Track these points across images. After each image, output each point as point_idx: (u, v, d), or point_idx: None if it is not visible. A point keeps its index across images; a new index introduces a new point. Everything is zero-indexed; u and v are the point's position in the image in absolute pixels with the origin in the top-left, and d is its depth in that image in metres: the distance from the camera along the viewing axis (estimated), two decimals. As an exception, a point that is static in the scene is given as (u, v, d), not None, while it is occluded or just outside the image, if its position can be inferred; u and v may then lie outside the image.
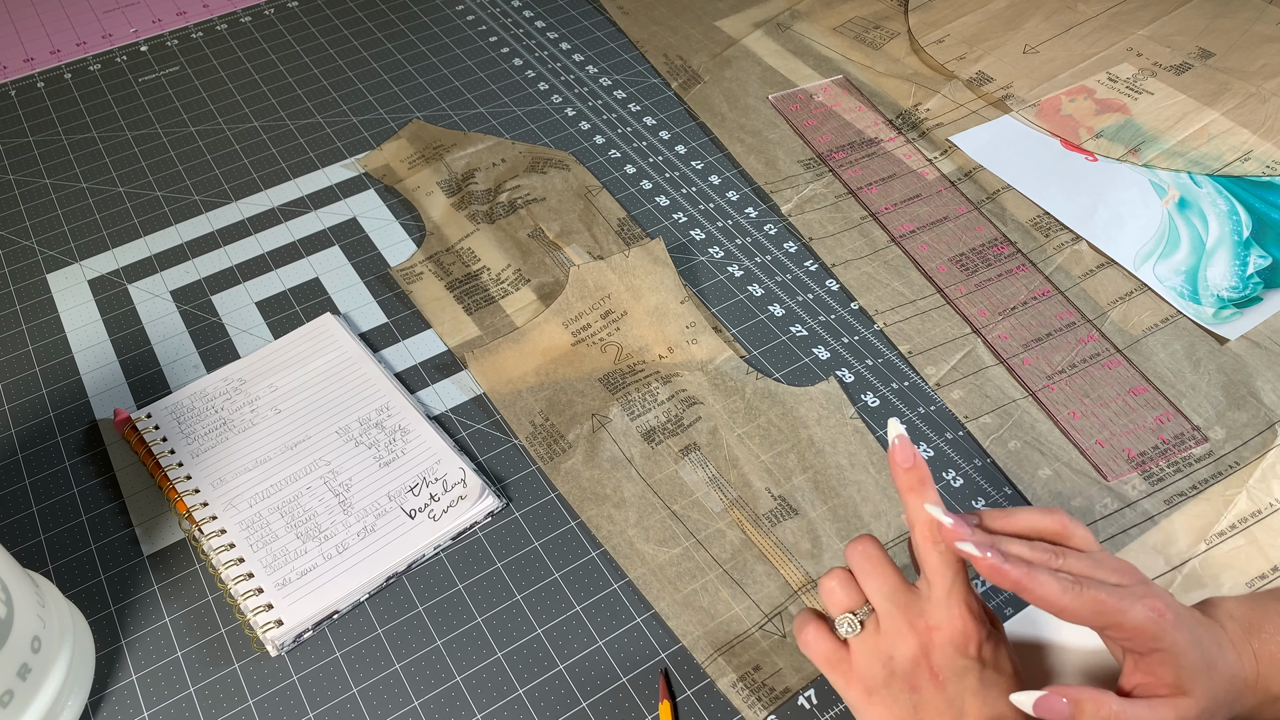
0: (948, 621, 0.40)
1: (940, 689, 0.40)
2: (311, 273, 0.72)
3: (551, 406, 0.62)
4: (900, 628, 0.41)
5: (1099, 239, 0.72)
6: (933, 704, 0.40)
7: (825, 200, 0.76)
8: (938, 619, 0.40)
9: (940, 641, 0.40)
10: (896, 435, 0.42)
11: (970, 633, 0.40)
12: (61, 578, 0.55)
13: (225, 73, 0.91)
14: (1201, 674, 0.39)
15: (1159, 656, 0.38)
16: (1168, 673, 0.38)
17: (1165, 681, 0.38)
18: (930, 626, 0.40)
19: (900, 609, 0.41)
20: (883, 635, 0.41)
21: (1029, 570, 0.39)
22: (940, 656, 0.40)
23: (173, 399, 0.62)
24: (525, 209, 0.75)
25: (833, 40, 0.93)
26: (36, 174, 0.81)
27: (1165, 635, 0.38)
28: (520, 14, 0.99)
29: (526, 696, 0.50)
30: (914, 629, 0.40)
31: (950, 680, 0.40)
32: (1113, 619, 0.38)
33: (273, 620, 0.51)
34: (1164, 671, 0.38)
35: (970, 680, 0.40)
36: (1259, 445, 0.59)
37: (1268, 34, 0.90)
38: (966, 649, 0.40)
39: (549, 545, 0.56)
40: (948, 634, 0.40)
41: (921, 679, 0.40)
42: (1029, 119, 0.82)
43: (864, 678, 0.42)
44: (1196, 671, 0.38)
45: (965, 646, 0.40)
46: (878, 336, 0.66)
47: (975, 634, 0.40)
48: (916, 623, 0.41)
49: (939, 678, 0.40)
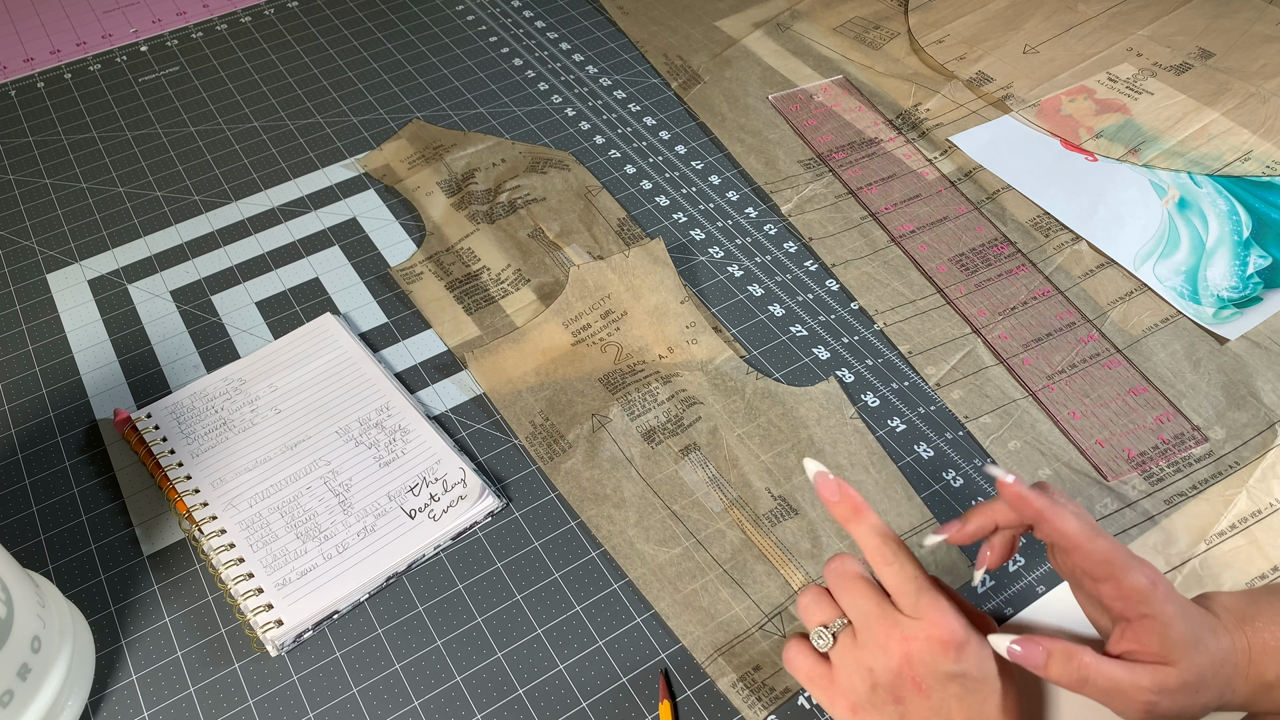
0: (923, 629, 0.40)
1: (925, 697, 0.40)
2: (311, 273, 0.72)
3: (551, 406, 0.62)
4: (878, 639, 0.41)
5: (1099, 239, 0.72)
6: (918, 713, 0.40)
7: (825, 200, 0.76)
8: (912, 629, 0.40)
9: (919, 650, 0.40)
10: (814, 474, 0.44)
11: (949, 638, 0.40)
12: (61, 578, 0.55)
13: (225, 73, 0.91)
14: (1188, 648, 0.39)
15: (1146, 623, 0.39)
16: (1153, 641, 0.39)
17: (1150, 650, 0.39)
18: (906, 636, 0.40)
19: (877, 621, 0.41)
20: (861, 648, 0.41)
21: (1052, 503, 0.41)
22: (921, 665, 0.40)
23: (173, 399, 0.62)
24: (525, 209, 0.75)
25: (833, 40, 0.93)
26: (36, 174, 0.81)
27: (1156, 602, 0.39)
28: (520, 14, 0.99)
29: (526, 696, 0.50)
30: (891, 639, 0.40)
31: (934, 688, 0.40)
32: (1115, 573, 0.39)
33: (273, 620, 0.51)
34: (1150, 639, 0.39)
35: (954, 687, 0.40)
36: (1259, 445, 0.59)
37: (1268, 34, 0.90)
38: (947, 654, 0.40)
39: (549, 545, 0.56)
40: (924, 641, 0.40)
41: (905, 690, 0.40)
42: (1029, 119, 0.82)
43: (846, 692, 0.42)
44: (1183, 644, 0.39)
45: (945, 652, 0.40)
46: (878, 336, 0.66)
47: (954, 639, 0.40)
48: (893, 633, 0.40)
49: (922, 686, 0.40)
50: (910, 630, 0.40)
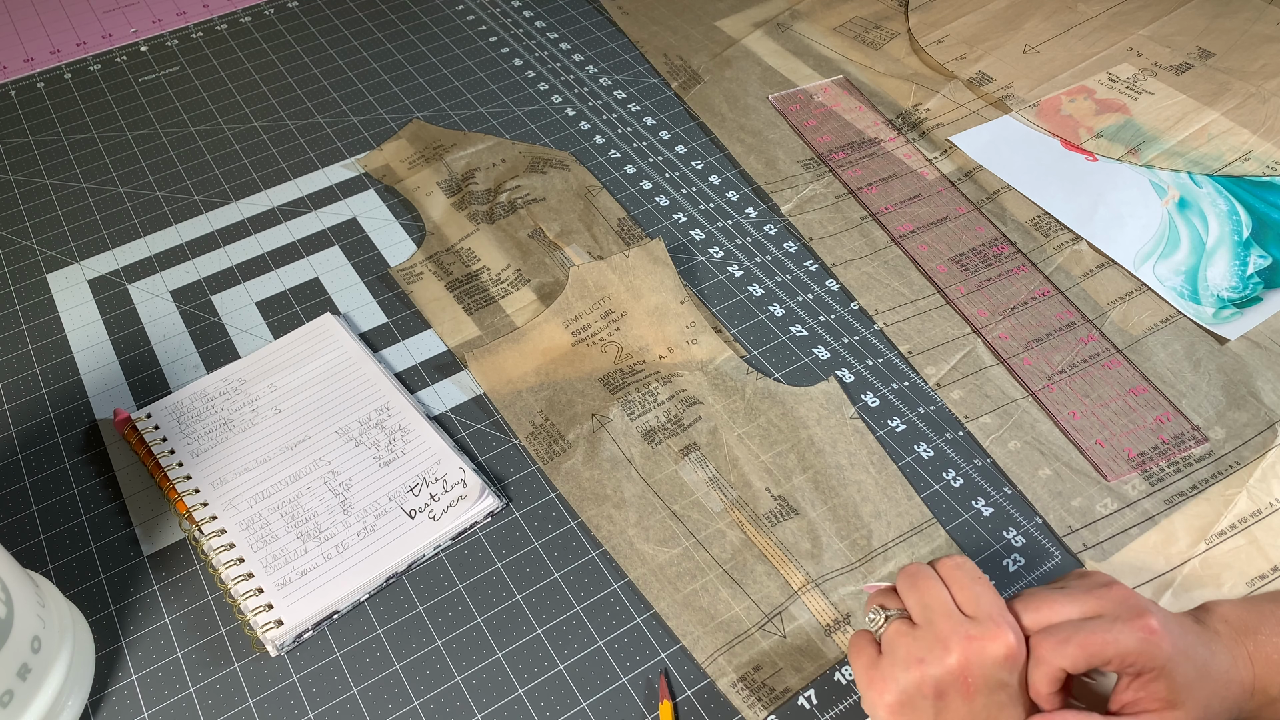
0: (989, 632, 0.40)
1: (968, 701, 0.40)
2: (311, 273, 0.72)
3: (551, 406, 0.62)
4: (940, 633, 0.40)
5: (1099, 239, 0.72)
6: (956, 715, 0.40)
7: (825, 200, 0.76)
8: (978, 630, 0.40)
9: (979, 652, 0.40)
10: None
11: (1012, 648, 0.40)
12: (61, 578, 0.55)
13: (225, 73, 0.91)
14: (1194, 686, 0.39)
15: (1153, 674, 0.38)
16: (1160, 688, 0.38)
17: (1158, 697, 0.39)
18: (971, 636, 0.40)
19: (942, 616, 0.41)
20: (917, 638, 0.41)
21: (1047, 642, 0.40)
22: (978, 668, 0.39)
23: (173, 399, 0.62)
24: (525, 209, 0.75)
25: (833, 40, 0.93)
26: (36, 174, 0.81)
27: (1159, 655, 0.38)
28: (520, 14, 0.99)
29: (526, 696, 0.50)
30: (954, 636, 0.40)
31: (980, 693, 0.40)
32: (1105, 654, 0.38)
33: (273, 620, 0.51)
34: (1156, 688, 0.38)
35: (1001, 696, 0.40)
36: (1259, 445, 0.59)
37: (1268, 34, 0.90)
38: (1005, 663, 0.40)
39: (549, 545, 0.56)
40: (988, 644, 0.40)
41: (952, 689, 0.40)
42: (1029, 119, 0.82)
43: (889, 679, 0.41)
44: (1189, 684, 0.38)
45: (1005, 661, 0.40)
46: (878, 336, 0.66)
47: (1016, 651, 0.40)
48: (958, 630, 0.40)
49: (971, 689, 0.40)
50: (975, 631, 0.40)
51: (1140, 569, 0.53)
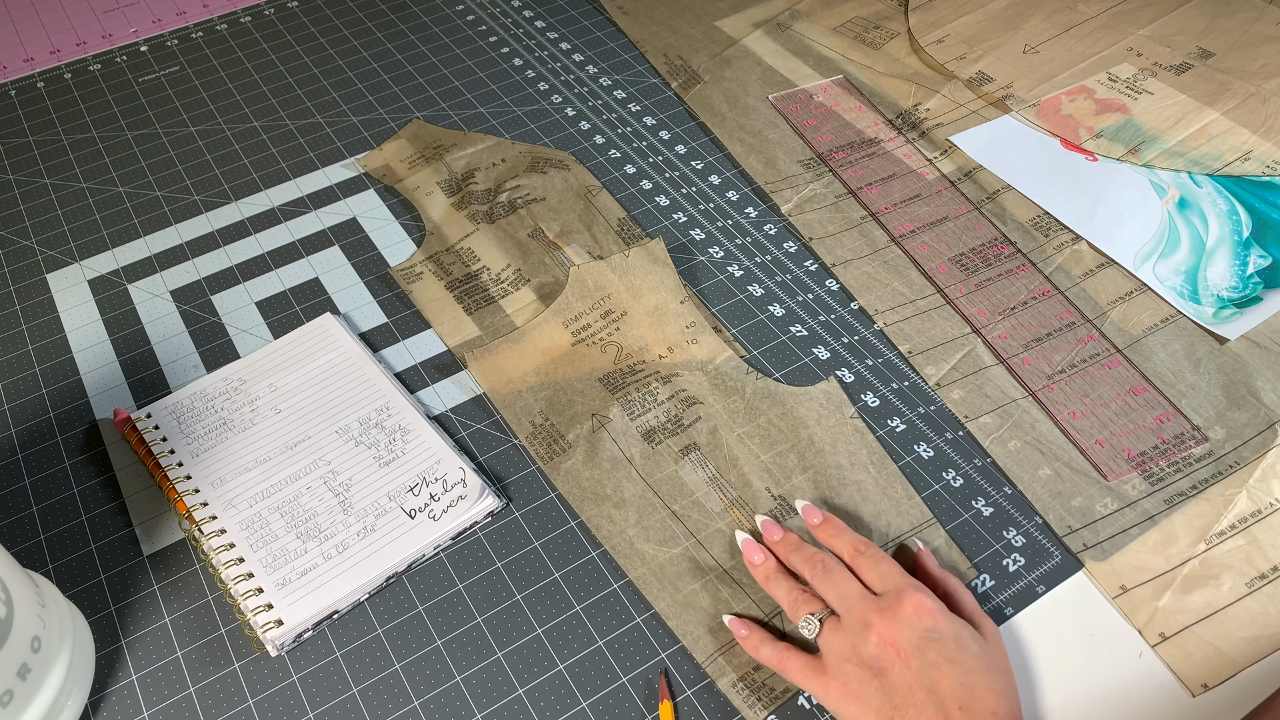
0: (895, 599, 0.45)
1: (905, 665, 0.43)
2: (311, 273, 0.72)
3: (551, 406, 0.62)
4: (859, 618, 0.45)
5: (1099, 239, 0.72)
6: (902, 683, 0.43)
7: (825, 200, 0.76)
8: (887, 601, 0.46)
9: (901, 618, 0.44)
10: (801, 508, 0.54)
11: (926, 605, 0.45)
12: (61, 578, 0.55)
13: (225, 73, 0.91)
14: None
15: None
16: None
17: None
18: (882, 609, 0.45)
19: (857, 601, 0.46)
20: (845, 630, 0.46)
21: None
22: (898, 632, 0.44)
23: (173, 399, 0.62)
24: (525, 209, 0.75)
25: (833, 40, 0.93)
26: (36, 174, 0.81)
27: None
28: (520, 14, 0.99)
29: (526, 696, 0.50)
30: (869, 614, 0.45)
31: (913, 655, 0.43)
32: None
33: (273, 620, 0.51)
34: None
35: (931, 653, 0.43)
36: (1259, 445, 0.59)
37: (1268, 34, 0.90)
38: (920, 617, 0.44)
39: (549, 545, 0.56)
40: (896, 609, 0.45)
41: (887, 659, 0.44)
42: (1029, 119, 0.82)
43: (837, 675, 0.45)
44: None
45: (918, 616, 0.44)
46: (878, 336, 0.66)
47: (931, 604, 0.45)
48: (870, 607, 0.45)
49: (902, 653, 0.44)
50: (885, 603, 0.46)
51: (1140, 569, 0.53)
